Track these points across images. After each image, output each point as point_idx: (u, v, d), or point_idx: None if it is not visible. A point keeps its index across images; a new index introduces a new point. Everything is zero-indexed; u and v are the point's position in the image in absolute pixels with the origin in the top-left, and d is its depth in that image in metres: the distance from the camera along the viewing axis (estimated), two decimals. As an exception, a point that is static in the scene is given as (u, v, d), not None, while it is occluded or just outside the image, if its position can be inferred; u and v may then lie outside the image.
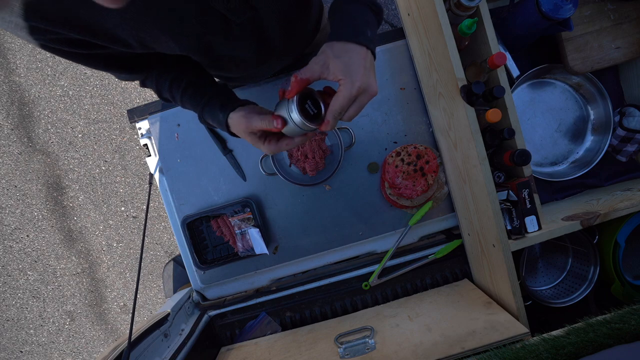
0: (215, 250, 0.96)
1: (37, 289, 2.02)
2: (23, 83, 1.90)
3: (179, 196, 0.96)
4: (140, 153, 1.90)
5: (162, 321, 0.81)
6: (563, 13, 0.72)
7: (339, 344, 0.78)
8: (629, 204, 0.72)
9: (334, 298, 0.96)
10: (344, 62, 0.46)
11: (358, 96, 0.47)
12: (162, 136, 0.95)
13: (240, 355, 0.86)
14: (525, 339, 0.63)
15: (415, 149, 0.89)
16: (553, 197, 0.91)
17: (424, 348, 0.69)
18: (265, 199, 0.95)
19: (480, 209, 0.75)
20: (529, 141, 0.90)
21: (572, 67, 0.83)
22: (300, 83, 0.47)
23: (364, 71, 0.46)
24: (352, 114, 0.49)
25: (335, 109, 0.47)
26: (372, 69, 0.48)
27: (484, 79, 0.75)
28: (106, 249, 1.97)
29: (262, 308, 0.96)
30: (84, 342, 2.06)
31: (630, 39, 0.83)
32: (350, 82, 0.45)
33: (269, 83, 0.94)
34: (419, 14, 0.78)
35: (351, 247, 0.96)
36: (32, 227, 1.97)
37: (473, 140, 0.69)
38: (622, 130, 0.85)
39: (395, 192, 0.89)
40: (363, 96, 0.47)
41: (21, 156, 1.93)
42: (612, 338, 0.50)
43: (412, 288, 0.95)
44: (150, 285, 1.99)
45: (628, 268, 0.85)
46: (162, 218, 1.92)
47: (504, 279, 0.72)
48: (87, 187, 1.93)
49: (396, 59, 0.92)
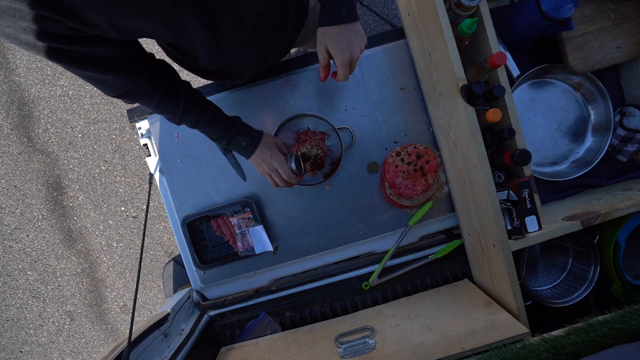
0: (215, 250, 0.96)
1: (37, 289, 2.02)
2: (23, 83, 1.89)
3: (179, 196, 0.96)
4: (140, 153, 1.89)
5: (162, 321, 0.81)
6: (563, 13, 0.72)
7: (339, 343, 0.78)
8: (630, 204, 0.72)
9: (334, 298, 0.95)
10: (330, 45, 0.64)
11: (350, 60, 0.65)
12: (162, 136, 0.95)
13: (240, 355, 0.86)
14: (525, 339, 0.63)
15: (415, 148, 0.89)
16: (553, 197, 0.91)
17: (424, 348, 0.69)
18: (265, 199, 0.95)
19: (481, 209, 0.75)
20: (529, 141, 0.90)
21: (572, 66, 0.83)
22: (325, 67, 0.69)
23: (344, 44, 0.63)
24: (353, 68, 0.68)
25: (340, 75, 0.67)
26: (352, 34, 0.63)
27: (484, 78, 0.75)
28: (106, 249, 1.97)
29: (262, 308, 0.96)
30: (83, 342, 2.06)
31: (631, 38, 0.83)
32: (339, 57, 0.64)
33: (269, 83, 0.94)
34: (419, 13, 0.78)
35: (351, 247, 0.96)
36: (32, 227, 1.97)
37: (473, 140, 0.69)
38: (623, 130, 0.85)
39: (396, 191, 0.88)
40: (353, 58, 0.65)
41: (21, 156, 1.93)
42: (612, 338, 0.50)
43: (412, 288, 0.95)
44: (150, 285, 1.99)
45: (628, 268, 0.85)
46: (162, 218, 1.92)
47: (504, 279, 0.72)
48: (87, 187, 1.92)
49: (396, 59, 0.92)
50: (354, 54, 0.65)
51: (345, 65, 0.65)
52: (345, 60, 0.64)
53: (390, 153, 0.90)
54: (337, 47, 0.63)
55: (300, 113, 0.92)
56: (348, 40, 0.63)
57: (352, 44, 0.63)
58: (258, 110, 0.94)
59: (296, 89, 0.93)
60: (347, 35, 0.63)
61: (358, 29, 0.64)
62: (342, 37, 0.63)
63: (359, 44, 0.64)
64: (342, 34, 0.62)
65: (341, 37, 0.63)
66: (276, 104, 0.94)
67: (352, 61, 0.66)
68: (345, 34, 0.63)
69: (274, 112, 0.94)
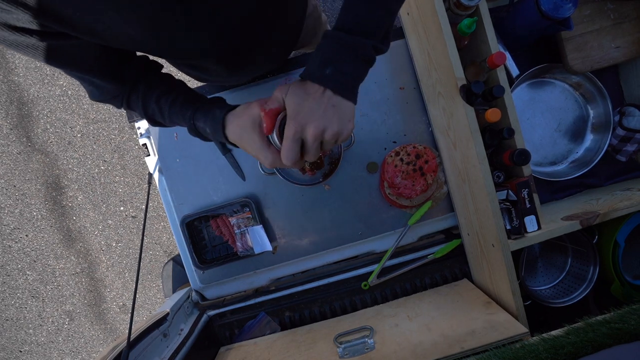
0: (214, 250, 0.96)
1: (36, 289, 2.02)
2: (22, 82, 1.89)
3: (178, 196, 0.96)
4: (140, 153, 1.89)
5: (161, 321, 0.81)
6: (563, 12, 0.72)
7: (338, 343, 0.78)
8: (629, 204, 0.72)
9: (333, 298, 0.95)
10: (290, 95, 0.44)
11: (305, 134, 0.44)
12: (161, 136, 0.95)
13: (239, 355, 0.86)
14: (524, 339, 0.63)
15: (414, 148, 0.89)
16: (552, 197, 0.91)
17: (424, 348, 0.69)
18: (264, 199, 0.95)
19: (480, 209, 0.75)
20: (529, 141, 0.90)
21: (571, 66, 0.83)
22: (271, 115, 0.45)
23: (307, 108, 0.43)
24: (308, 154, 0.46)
25: (282, 152, 0.45)
26: (330, 107, 0.44)
27: (484, 78, 0.75)
28: (105, 249, 1.96)
29: (262, 308, 0.96)
30: (83, 341, 2.06)
31: (630, 38, 0.83)
32: (289, 119, 0.44)
33: (268, 83, 0.94)
34: (418, 13, 0.78)
35: (350, 247, 0.96)
36: (31, 227, 1.97)
37: (472, 139, 0.68)
38: (622, 129, 0.85)
39: (395, 191, 0.88)
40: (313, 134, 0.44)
41: (20, 156, 1.93)
42: (611, 338, 0.50)
43: (412, 288, 0.95)
44: (150, 285, 1.99)
45: (627, 268, 0.85)
46: (162, 218, 1.92)
47: (503, 279, 0.72)
48: (86, 186, 1.92)
49: (395, 58, 0.92)
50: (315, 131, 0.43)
51: (292, 137, 0.44)
52: (292, 130, 0.43)
53: (390, 153, 0.90)
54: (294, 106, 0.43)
55: (299, 113, 0.91)
56: (316, 108, 0.43)
57: (323, 116, 0.43)
58: (257, 110, 0.94)
59: (295, 88, 0.93)
60: (318, 102, 0.43)
61: (341, 105, 0.44)
62: (309, 99, 0.43)
63: (337, 122, 0.44)
64: (313, 96, 0.43)
65: (307, 98, 0.43)
66: (275, 104, 0.94)
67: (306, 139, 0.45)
68: (318, 99, 0.43)
69: (273, 112, 0.94)
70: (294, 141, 0.44)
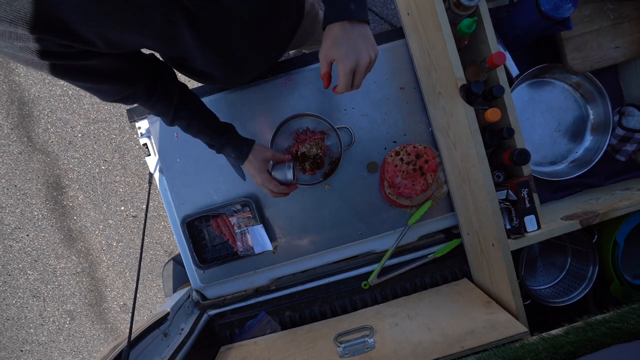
0: (214, 249, 0.96)
1: (37, 288, 2.02)
2: (23, 82, 1.89)
3: (179, 195, 0.96)
4: (140, 152, 1.90)
5: (162, 320, 0.81)
6: (562, 12, 0.72)
7: (338, 343, 0.78)
8: (628, 204, 0.72)
9: (334, 297, 0.96)
10: (332, 47, 0.55)
11: (356, 67, 0.56)
12: (161, 135, 0.95)
13: (239, 355, 0.87)
14: (524, 338, 0.63)
15: (414, 148, 0.89)
16: (552, 197, 0.91)
17: (424, 347, 0.69)
18: (264, 199, 0.95)
19: (480, 209, 0.75)
20: (529, 140, 0.90)
21: (571, 66, 0.83)
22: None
23: (349, 49, 0.54)
24: (358, 81, 0.58)
25: (340, 86, 0.58)
26: (360, 39, 0.55)
27: (484, 78, 0.75)
28: (106, 249, 1.97)
29: (262, 307, 0.96)
30: (84, 341, 2.06)
31: (630, 38, 0.83)
32: (341, 64, 0.55)
33: (268, 83, 0.94)
34: (418, 13, 0.78)
35: (350, 247, 0.96)
36: (32, 227, 1.97)
37: (472, 139, 0.69)
38: (622, 129, 0.85)
39: (395, 191, 0.89)
40: (360, 65, 0.56)
41: (21, 155, 1.93)
42: (610, 337, 0.50)
43: (412, 287, 0.95)
44: (150, 284, 1.99)
45: (627, 267, 0.85)
46: (162, 217, 1.92)
47: (503, 278, 0.73)
48: (86, 186, 1.93)
49: (395, 59, 0.92)
50: (360, 61, 0.55)
51: (347, 74, 0.56)
52: (348, 68, 0.55)
53: (390, 152, 0.90)
54: (340, 52, 0.55)
55: (299, 113, 0.92)
56: (353, 44, 0.54)
57: (359, 49, 0.55)
58: (257, 110, 0.94)
59: (295, 88, 0.94)
60: (352, 39, 0.54)
61: (367, 34, 0.56)
62: (346, 40, 0.54)
63: (367, 51, 0.55)
64: (347, 36, 0.54)
65: (345, 40, 0.54)
66: (275, 104, 0.94)
67: (357, 70, 0.56)
68: (351, 36, 0.54)
69: (273, 112, 0.94)
70: (349, 74, 0.56)
